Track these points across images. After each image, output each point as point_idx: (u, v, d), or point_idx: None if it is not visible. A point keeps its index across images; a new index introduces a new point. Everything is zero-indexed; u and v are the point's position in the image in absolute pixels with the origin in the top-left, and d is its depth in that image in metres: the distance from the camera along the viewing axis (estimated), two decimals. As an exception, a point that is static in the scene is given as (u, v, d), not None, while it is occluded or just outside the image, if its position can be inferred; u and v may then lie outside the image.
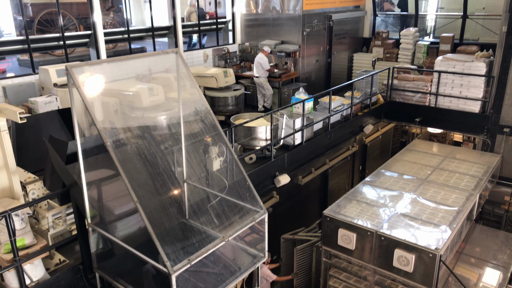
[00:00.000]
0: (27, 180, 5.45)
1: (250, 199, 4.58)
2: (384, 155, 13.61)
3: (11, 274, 4.61)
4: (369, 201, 7.96)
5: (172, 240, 3.97)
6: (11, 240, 4.43)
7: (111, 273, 4.43)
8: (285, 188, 8.85)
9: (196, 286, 4.06)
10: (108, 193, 4.50)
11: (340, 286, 7.80)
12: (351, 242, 7.12)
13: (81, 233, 4.72)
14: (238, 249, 4.68)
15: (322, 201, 11.21)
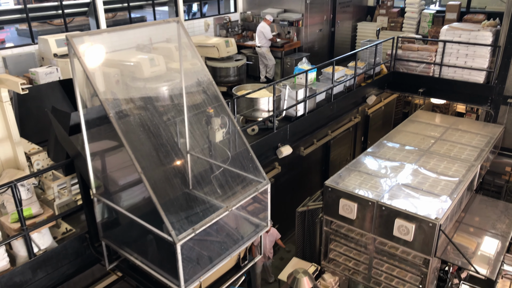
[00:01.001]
0: (31, 151, 5.49)
1: (253, 170, 4.61)
2: (387, 126, 13.60)
3: (19, 243, 4.71)
4: (371, 172, 8.01)
5: (177, 210, 4.03)
6: (18, 210, 4.50)
7: (117, 242, 4.52)
8: (287, 159, 8.91)
9: (200, 254, 4.15)
10: (112, 164, 4.53)
11: (341, 255, 7.97)
12: (352, 212, 7.22)
13: (86, 203, 4.79)
14: (241, 218, 4.75)
15: (324, 172, 11.30)
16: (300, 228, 8.86)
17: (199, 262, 4.06)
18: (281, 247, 9.39)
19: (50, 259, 4.95)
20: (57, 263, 5.05)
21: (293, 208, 9.24)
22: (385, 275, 7.48)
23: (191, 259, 4.00)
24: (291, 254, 9.64)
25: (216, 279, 4.52)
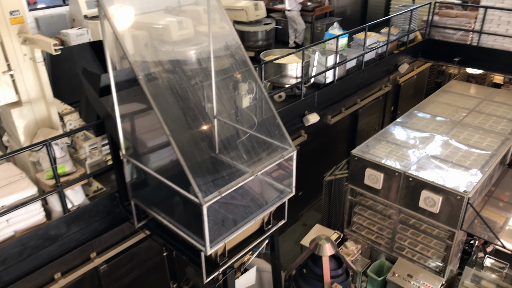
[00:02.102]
0: (64, 111, 5.64)
1: (279, 136, 4.60)
2: (418, 96, 13.20)
3: (54, 199, 4.94)
4: (399, 142, 7.87)
5: (203, 173, 4.10)
6: (52, 167, 4.69)
7: (145, 202, 4.67)
8: (313, 127, 8.83)
9: (225, 217, 4.24)
10: (141, 126, 4.61)
11: (364, 223, 7.99)
12: (378, 182, 7.16)
13: (116, 164, 4.92)
14: (266, 184, 4.80)
15: (351, 141, 11.17)
16: (326, 197, 8.89)
17: (224, 224, 4.16)
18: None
19: (83, 215, 5.18)
20: (89, 219, 5.29)
21: (318, 176, 9.25)
22: (408, 245, 7.48)
23: (216, 221, 4.09)
24: (314, 221, 9.74)
25: (240, 241, 4.63)
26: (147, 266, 6.97)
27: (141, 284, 7.00)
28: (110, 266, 6.29)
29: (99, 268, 6.17)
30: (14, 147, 5.48)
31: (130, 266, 6.74)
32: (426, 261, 7.34)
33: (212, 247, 3.99)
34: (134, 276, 6.85)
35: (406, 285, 7.05)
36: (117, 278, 6.51)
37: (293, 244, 9.44)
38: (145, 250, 6.89)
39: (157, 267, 7.12)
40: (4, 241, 4.59)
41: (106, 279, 6.33)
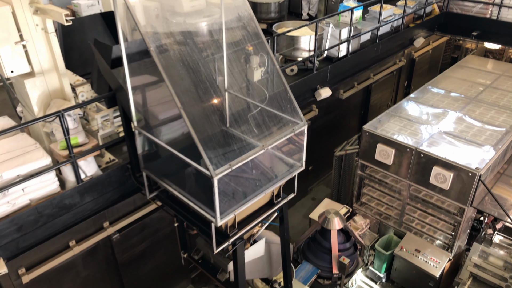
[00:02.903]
0: (76, 83, 5.66)
1: (291, 110, 4.57)
2: (433, 71, 12.95)
3: (68, 169, 5.03)
4: (412, 118, 7.78)
5: (214, 146, 4.10)
6: (66, 138, 4.75)
7: (156, 173, 4.72)
8: (325, 101, 8.75)
9: (235, 189, 4.28)
10: (153, 98, 4.62)
11: (373, 198, 8.01)
12: (389, 157, 7.14)
13: (128, 135, 4.96)
14: (276, 158, 4.81)
15: (362, 116, 11.08)
16: (336, 171, 8.90)
17: (234, 197, 4.20)
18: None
19: (96, 185, 5.27)
20: (102, 190, 5.38)
21: (329, 151, 9.24)
22: (417, 221, 7.52)
23: (226, 193, 4.14)
24: (323, 195, 9.80)
25: (249, 213, 4.68)
26: (158, 236, 7.14)
27: (153, 253, 7.19)
28: (122, 236, 6.45)
29: (112, 237, 6.34)
30: (28, 118, 5.54)
31: (142, 236, 6.91)
32: (434, 237, 7.38)
33: (222, 219, 4.05)
34: (146, 245, 7.03)
35: (413, 260, 7.13)
36: (129, 247, 6.69)
37: (302, 217, 9.55)
38: (156, 220, 7.04)
39: (168, 237, 7.29)
40: (20, 209, 4.71)
41: (118, 247, 6.50)
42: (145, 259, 7.14)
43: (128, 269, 6.92)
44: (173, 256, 7.23)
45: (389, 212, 7.85)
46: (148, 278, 7.31)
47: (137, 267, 7.08)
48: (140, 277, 7.20)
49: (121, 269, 6.82)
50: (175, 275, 7.78)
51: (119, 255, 6.65)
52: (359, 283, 7.95)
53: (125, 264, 6.84)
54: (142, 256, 7.04)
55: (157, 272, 7.40)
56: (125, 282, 6.98)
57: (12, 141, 5.15)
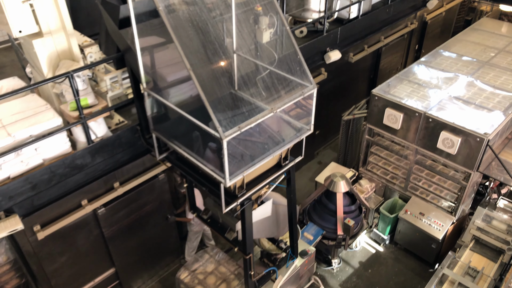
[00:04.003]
0: (84, 44, 5.62)
1: (300, 73, 4.54)
2: (445, 35, 12.64)
3: (79, 130, 5.10)
4: (422, 82, 7.69)
5: (224, 108, 4.12)
6: (75, 99, 4.79)
7: (166, 135, 4.77)
8: (334, 65, 8.64)
9: (244, 152, 4.33)
10: (162, 60, 4.60)
11: (380, 163, 8.07)
12: (397, 122, 7.12)
13: (137, 97, 4.98)
14: (284, 121, 4.83)
15: (372, 80, 10.95)
16: (343, 136, 8.92)
17: (243, 158, 4.26)
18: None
19: (106, 146, 5.36)
20: (112, 151, 5.47)
21: (336, 115, 9.22)
22: (422, 185, 7.59)
23: (235, 155, 4.19)
24: (329, 159, 9.87)
25: (257, 175, 4.76)
26: (167, 198, 7.25)
27: (162, 212, 7.37)
28: (132, 195, 6.59)
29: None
30: (38, 79, 5.55)
31: (151, 197, 7.07)
32: (439, 201, 7.48)
33: (231, 180, 4.13)
34: (154, 206, 7.19)
35: (417, 223, 7.27)
36: (140, 206, 6.84)
37: (308, 181, 9.67)
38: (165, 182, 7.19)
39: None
40: (34, 169, 4.82)
41: (129, 207, 6.65)
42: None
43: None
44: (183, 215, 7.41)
45: (395, 176, 7.92)
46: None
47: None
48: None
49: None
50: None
51: (130, 214, 6.82)
52: (363, 244, 8.16)
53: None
54: (151, 214, 7.21)
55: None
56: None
57: (23, 102, 5.20)
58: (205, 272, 5.88)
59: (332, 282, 7.54)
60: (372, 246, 8.14)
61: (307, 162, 10.21)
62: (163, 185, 6.92)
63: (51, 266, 6.18)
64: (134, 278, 7.45)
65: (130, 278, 7.36)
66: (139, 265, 7.38)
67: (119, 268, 7.04)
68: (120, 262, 6.99)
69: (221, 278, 5.80)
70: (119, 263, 6.97)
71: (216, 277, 5.82)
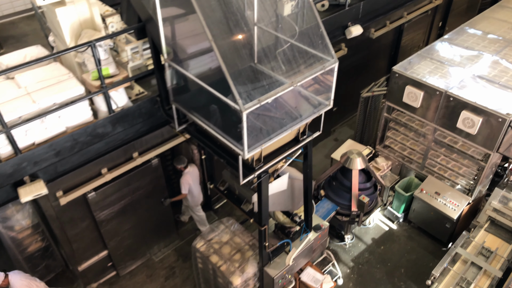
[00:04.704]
0: (105, 13, 5.64)
1: (322, 47, 4.49)
2: (470, 12, 12.25)
3: (100, 99, 5.18)
4: (444, 60, 7.53)
5: (244, 81, 4.12)
6: (97, 69, 4.85)
7: (186, 106, 4.81)
8: (355, 40, 8.50)
9: (263, 125, 4.36)
10: (183, 30, 4.59)
11: (397, 141, 8.02)
12: (417, 100, 7.03)
13: (157, 68, 5.01)
14: (303, 95, 4.81)
15: (392, 57, 10.75)
16: (361, 113, 8.85)
17: (261, 132, 4.29)
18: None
19: (126, 116, 5.44)
20: (132, 121, 5.56)
21: (355, 92, 9.13)
22: (439, 165, 7.55)
23: (254, 128, 4.22)
24: (346, 137, 9.84)
25: (275, 149, 4.79)
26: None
27: (176, 183, 7.51)
28: (151, 166, 6.72)
29: (151, 162, 6.62)
30: (60, 47, 5.62)
31: (172, 167, 7.21)
32: (455, 181, 7.44)
33: (250, 152, 4.17)
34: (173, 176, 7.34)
35: (432, 202, 7.26)
36: (158, 176, 6.98)
37: (323, 157, 9.68)
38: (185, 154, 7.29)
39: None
40: (57, 136, 4.95)
41: (147, 176, 6.79)
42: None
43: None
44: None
45: (412, 155, 7.88)
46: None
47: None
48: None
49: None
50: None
51: (149, 184, 6.97)
52: (377, 222, 8.21)
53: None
54: (168, 183, 7.35)
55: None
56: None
57: (46, 70, 5.29)
58: (221, 242, 6.02)
59: (344, 257, 7.65)
60: (385, 223, 8.19)
61: (323, 139, 10.19)
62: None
63: (73, 230, 6.41)
64: (150, 244, 7.69)
65: (145, 245, 7.59)
66: (152, 235, 7.58)
67: (134, 235, 7.24)
68: (133, 231, 7.18)
69: (236, 248, 5.94)
70: (132, 232, 7.17)
71: (231, 247, 5.96)
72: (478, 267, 6.04)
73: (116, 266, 7.30)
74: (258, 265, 5.73)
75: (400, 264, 7.50)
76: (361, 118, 9.00)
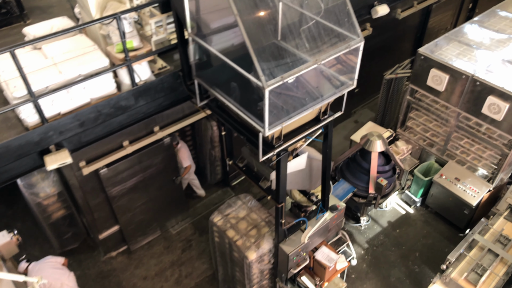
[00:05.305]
0: (130, -14, 5.63)
1: (348, 25, 4.41)
2: (503, -7, 11.77)
3: (124, 72, 5.23)
4: (472, 43, 7.32)
5: (267, 58, 4.10)
6: (122, 41, 4.88)
7: (208, 82, 4.82)
8: (380, 20, 8.30)
9: (284, 102, 4.35)
10: (208, 5, 4.56)
11: (419, 125, 7.91)
12: (442, 83, 6.89)
13: (181, 42, 5.01)
14: (326, 74, 4.76)
15: (418, 39, 10.49)
16: (384, 95, 8.73)
17: (283, 109, 4.29)
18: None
19: (149, 89, 5.50)
20: (155, 95, 5.61)
21: (377, 74, 8.98)
22: (461, 150, 7.42)
23: (276, 106, 4.22)
24: (366, 119, 9.74)
25: (295, 128, 4.79)
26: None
27: (195, 158, 7.61)
28: (163, 144, 6.79)
29: (163, 140, 6.72)
30: (85, 19, 5.66)
31: (191, 143, 7.28)
32: (476, 167, 7.33)
33: (270, 130, 4.18)
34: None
35: (451, 187, 7.19)
36: (170, 155, 7.06)
37: (343, 139, 9.63)
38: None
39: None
40: (82, 107, 5.05)
41: (158, 155, 6.87)
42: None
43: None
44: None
45: (433, 139, 7.76)
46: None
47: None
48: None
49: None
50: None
51: (168, 158, 7.08)
52: (393, 205, 8.19)
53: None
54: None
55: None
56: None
57: (72, 42, 5.36)
58: (237, 217, 6.11)
59: (359, 238, 7.69)
60: (402, 207, 8.16)
61: (343, 120, 10.11)
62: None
63: (94, 200, 6.60)
64: (161, 221, 7.85)
65: (156, 221, 7.73)
66: (163, 212, 7.71)
67: (145, 212, 7.39)
68: (145, 208, 7.31)
69: (252, 224, 6.02)
70: (143, 208, 7.30)
71: (248, 222, 6.04)
72: (495, 254, 6.00)
73: (127, 241, 7.50)
74: (274, 242, 5.82)
75: (415, 248, 7.51)
76: (383, 101, 8.87)
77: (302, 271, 6.29)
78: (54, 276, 5.81)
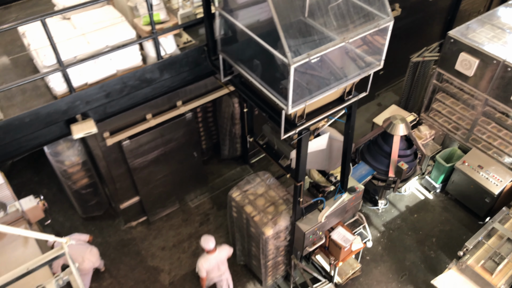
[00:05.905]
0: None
1: (378, 4, 4.32)
2: (542, -24, 11.23)
3: (150, 45, 5.27)
4: (506, 27, 7.06)
5: (294, 34, 4.06)
6: (149, 14, 4.90)
7: (233, 57, 4.82)
8: (410, 1, 8.10)
9: (309, 81, 4.32)
10: (236, -22, 4.52)
11: (444, 110, 7.75)
12: (471, 68, 6.70)
13: (207, 17, 4.99)
14: (353, 53, 4.69)
15: (449, 22, 10.16)
16: (409, 78, 8.55)
17: (307, 87, 4.27)
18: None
19: (174, 63, 5.53)
20: (179, 69, 5.65)
21: (404, 57, 8.78)
22: (486, 137, 7.27)
23: (300, 84, 4.20)
24: (389, 102, 9.59)
25: (319, 107, 4.76)
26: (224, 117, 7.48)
27: (215, 134, 7.66)
28: (185, 119, 6.85)
29: (185, 115, 6.78)
30: (113, -9, 5.69)
31: (212, 119, 7.33)
32: (501, 156, 7.18)
33: (294, 108, 4.18)
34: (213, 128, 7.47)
35: (473, 175, 7.08)
36: (191, 130, 7.12)
37: (365, 121, 9.53)
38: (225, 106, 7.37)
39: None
40: (108, 78, 5.12)
41: (180, 130, 6.94)
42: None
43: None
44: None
45: (457, 126, 7.61)
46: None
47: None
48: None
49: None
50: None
51: (190, 133, 7.15)
52: (413, 190, 8.13)
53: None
54: (209, 133, 7.48)
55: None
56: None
57: (100, 13, 5.40)
58: (255, 194, 6.18)
59: (376, 221, 7.70)
60: (421, 192, 8.10)
61: (366, 102, 9.99)
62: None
63: (117, 171, 6.75)
64: (187, 191, 8.00)
65: (175, 195, 7.86)
66: (182, 186, 7.82)
67: (165, 185, 7.52)
68: (165, 181, 7.43)
69: (270, 201, 6.09)
70: (163, 181, 7.42)
71: (266, 199, 6.11)
72: (514, 244, 5.94)
73: (147, 212, 7.68)
74: (291, 219, 5.88)
75: (432, 234, 7.48)
76: (408, 84, 8.70)
77: (317, 250, 6.36)
78: (77, 251, 6.18)
